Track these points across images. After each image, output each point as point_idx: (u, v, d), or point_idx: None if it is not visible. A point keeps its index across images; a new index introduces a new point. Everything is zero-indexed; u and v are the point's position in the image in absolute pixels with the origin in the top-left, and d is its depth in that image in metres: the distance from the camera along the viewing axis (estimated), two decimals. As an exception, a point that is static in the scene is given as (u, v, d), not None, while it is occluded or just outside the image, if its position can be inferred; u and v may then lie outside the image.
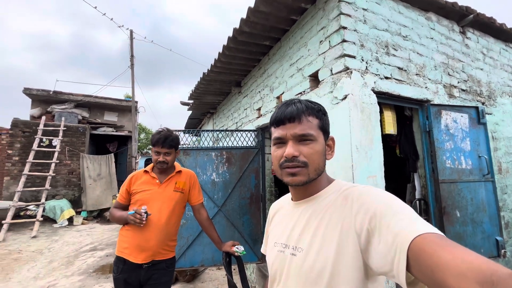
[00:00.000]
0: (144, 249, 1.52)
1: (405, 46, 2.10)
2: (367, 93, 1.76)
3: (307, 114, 0.65)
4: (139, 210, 1.47)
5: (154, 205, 1.57)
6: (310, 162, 0.63)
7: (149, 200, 1.58)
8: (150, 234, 1.53)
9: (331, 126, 0.71)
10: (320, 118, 0.67)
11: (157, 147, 1.60)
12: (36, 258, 4.34)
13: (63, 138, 7.60)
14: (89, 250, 4.85)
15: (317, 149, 0.64)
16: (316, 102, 0.70)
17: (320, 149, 0.65)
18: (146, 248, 1.52)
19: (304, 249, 0.61)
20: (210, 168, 3.06)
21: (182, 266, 2.86)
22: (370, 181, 1.65)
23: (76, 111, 8.94)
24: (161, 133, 1.62)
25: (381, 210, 0.52)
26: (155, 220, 1.53)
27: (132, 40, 9.59)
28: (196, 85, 4.04)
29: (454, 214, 2.06)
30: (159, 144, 1.59)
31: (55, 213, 6.68)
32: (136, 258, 1.52)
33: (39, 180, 7.06)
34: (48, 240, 5.45)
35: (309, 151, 0.63)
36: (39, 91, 8.58)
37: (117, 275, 1.54)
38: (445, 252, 0.39)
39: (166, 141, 1.60)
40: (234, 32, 2.50)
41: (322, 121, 0.67)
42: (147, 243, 1.52)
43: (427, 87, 2.17)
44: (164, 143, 1.59)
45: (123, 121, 10.11)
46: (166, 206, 1.60)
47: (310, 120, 0.65)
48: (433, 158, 2.09)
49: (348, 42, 1.75)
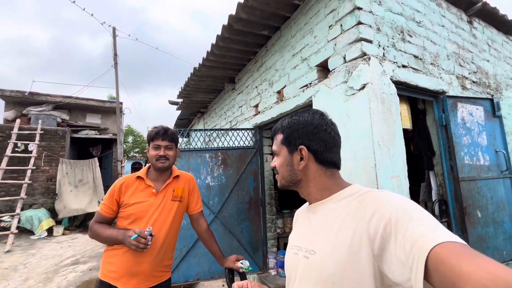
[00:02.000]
0: (135, 274, 1.25)
1: (419, 32, 1.92)
2: (386, 82, 1.56)
3: (277, 132, 0.76)
4: (144, 233, 1.18)
5: (151, 220, 1.30)
6: (279, 172, 0.75)
7: (145, 214, 1.30)
8: (144, 256, 1.26)
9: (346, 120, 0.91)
10: (284, 133, 0.73)
11: (156, 140, 1.36)
12: (9, 276, 3.89)
13: (41, 142, 7.03)
14: (70, 264, 4.43)
15: (279, 162, 0.74)
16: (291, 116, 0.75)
17: (280, 161, 0.73)
18: (138, 273, 1.25)
19: (317, 252, 0.62)
20: (205, 171, 2.78)
21: (176, 282, 2.56)
22: (394, 182, 1.44)
23: (54, 114, 8.35)
24: (160, 127, 1.40)
25: (397, 216, 0.50)
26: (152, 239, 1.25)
27: (115, 38, 9.09)
28: (186, 82, 3.75)
29: (475, 215, 1.90)
30: (159, 136, 1.36)
31: (32, 224, 6.14)
32: (126, 284, 1.24)
33: (14, 189, 6.49)
34: (24, 254, 4.95)
35: (277, 163, 0.75)
36: (13, 92, 7.93)
37: None
38: (468, 262, 0.38)
39: (166, 133, 1.37)
40: (229, 20, 2.25)
41: (285, 134, 0.73)
42: (139, 267, 1.25)
43: (441, 78, 2.01)
44: (164, 135, 1.36)
45: (107, 123, 9.57)
46: (164, 220, 1.33)
47: (277, 138, 0.76)
48: (451, 154, 1.92)
49: (364, 24, 1.55)
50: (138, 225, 1.28)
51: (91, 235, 1.33)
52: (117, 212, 1.35)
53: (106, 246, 1.33)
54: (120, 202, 1.34)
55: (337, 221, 0.61)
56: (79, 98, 8.73)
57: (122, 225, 1.32)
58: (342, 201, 0.65)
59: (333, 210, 0.65)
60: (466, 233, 1.82)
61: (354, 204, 0.61)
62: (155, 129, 1.40)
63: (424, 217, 0.49)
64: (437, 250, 0.41)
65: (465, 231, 1.82)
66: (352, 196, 0.64)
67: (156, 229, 1.29)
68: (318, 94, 1.85)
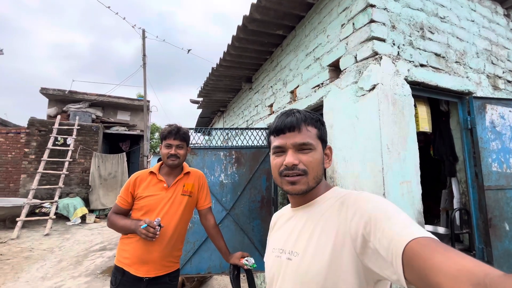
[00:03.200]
0: (146, 262, 1.34)
1: (443, 29, 1.79)
2: (399, 82, 1.48)
3: (306, 124, 0.67)
4: (153, 223, 1.27)
5: (162, 212, 1.39)
6: (310, 171, 0.65)
7: (156, 206, 1.40)
8: (154, 245, 1.35)
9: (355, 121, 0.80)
10: (319, 128, 0.68)
11: (168, 139, 1.44)
12: (46, 257, 4.33)
13: (77, 137, 7.68)
14: (98, 249, 4.80)
15: (316, 158, 0.66)
16: (315, 112, 0.71)
17: (318, 157, 0.66)
18: (148, 261, 1.34)
19: (300, 253, 0.62)
20: (218, 169, 2.86)
21: (188, 273, 2.68)
22: (403, 188, 1.37)
23: (90, 110, 9.06)
24: (173, 126, 1.48)
25: (376, 215, 0.52)
26: (161, 230, 1.34)
27: (144, 40, 9.60)
28: (205, 81, 3.86)
29: (502, 227, 1.73)
30: (171, 135, 1.44)
31: (68, 211, 6.75)
32: (137, 270, 1.34)
33: (54, 178, 7.17)
34: (60, 238, 5.47)
35: (309, 160, 0.65)
36: (55, 90, 8.75)
37: (114, 287, 1.37)
38: (439, 255, 0.40)
39: (178, 133, 1.44)
40: (244, 20, 2.28)
41: (320, 130, 0.69)
42: (150, 255, 1.34)
43: (468, 77, 1.85)
44: (176, 135, 1.44)
45: (136, 120, 10.16)
46: (174, 213, 1.41)
47: (309, 130, 0.67)
48: (476, 161, 1.77)
49: (377, 22, 1.48)
50: (149, 216, 1.37)
51: (108, 224, 1.45)
52: (132, 204, 1.45)
53: (122, 234, 1.44)
54: (134, 195, 1.44)
55: (320, 223, 0.63)
56: (111, 96, 9.38)
57: (135, 216, 1.42)
58: (324, 204, 0.66)
59: (316, 213, 0.66)
60: (489, 247, 1.67)
61: (335, 206, 0.63)
62: (168, 128, 1.47)
63: (401, 216, 0.51)
64: (411, 245, 0.43)
65: (489, 245, 1.67)
66: (333, 198, 0.65)
67: (166, 221, 1.37)
68: (329, 95, 1.81)
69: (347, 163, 1.59)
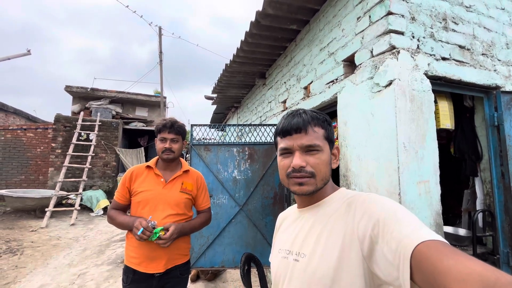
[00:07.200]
0: (153, 259, 1.35)
1: (468, 19, 1.68)
2: (418, 77, 1.41)
3: (313, 124, 0.66)
4: (149, 227, 1.26)
5: (158, 208, 1.38)
6: (317, 172, 0.64)
7: (153, 201, 1.38)
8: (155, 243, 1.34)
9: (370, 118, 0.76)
10: (326, 128, 0.68)
11: (163, 132, 1.41)
12: (72, 245, 4.62)
13: (99, 132, 8.05)
14: (119, 240, 5.05)
15: (323, 159, 0.65)
16: (321, 112, 0.71)
17: (326, 159, 0.65)
18: (155, 257, 1.35)
19: (307, 255, 0.62)
20: (232, 165, 2.89)
21: (202, 266, 2.75)
22: (421, 188, 1.32)
23: (110, 107, 9.43)
24: (168, 119, 1.45)
25: (384, 217, 0.51)
26: (159, 226, 1.32)
27: (160, 37, 9.80)
28: (219, 78, 3.88)
29: (531, 231, 1.62)
30: (165, 129, 1.41)
31: (91, 202, 7.13)
32: (147, 267, 1.35)
33: (78, 172, 7.58)
34: (84, 228, 5.81)
35: (316, 161, 0.64)
36: (78, 88, 9.18)
37: (126, 285, 1.39)
38: (449, 258, 0.39)
39: (173, 126, 1.41)
40: (257, 16, 2.25)
41: (327, 131, 0.68)
42: (156, 252, 1.35)
43: (496, 70, 1.73)
44: (171, 128, 1.41)
45: (153, 116, 10.46)
46: (171, 209, 1.40)
47: (316, 131, 0.66)
48: (503, 159, 1.66)
49: (395, 14, 1.41)
50: (147, 212, 1.36)
51: (108, 220, 1.42)
52: (129, 199, 1.43)
53: (127, 232, 1.42)
54: (130, 189, 1.42)
55: (327, 225, 0.62)
56: (130, 93, 9.70)
57: (133, 211, 1.41)
58: (332, 205, 0.65)
59: (323, 214, 0.65)
60: (515, 251, 1.57)
61: (343, 208, 0.62)
62: (163, 121, 1.43)
63: (410, 218, 0.50)
64: (420, 248, 0.43)
65: (515, 249, 1.58)
66: (341, 200, 0.65)
67: (161, 216, 1.35)
68: (344, 91, 1.76)
69: (361, 161, 1.55)
